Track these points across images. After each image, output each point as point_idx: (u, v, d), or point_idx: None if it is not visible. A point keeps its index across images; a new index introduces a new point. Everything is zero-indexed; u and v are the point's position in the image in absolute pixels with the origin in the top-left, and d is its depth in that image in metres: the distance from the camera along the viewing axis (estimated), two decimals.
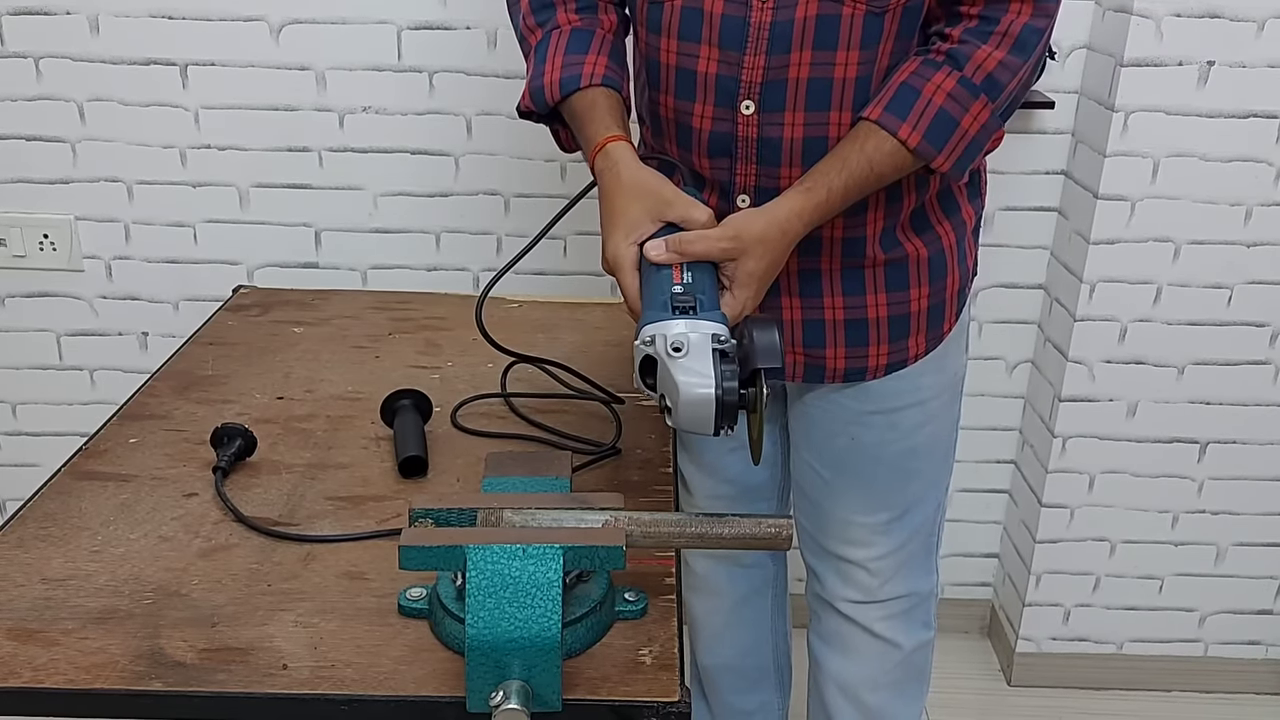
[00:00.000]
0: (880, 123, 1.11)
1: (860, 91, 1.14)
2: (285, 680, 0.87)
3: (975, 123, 1.12)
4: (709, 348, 0.94)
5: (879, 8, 1.10)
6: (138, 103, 1.87)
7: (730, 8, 1.12)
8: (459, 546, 0.85)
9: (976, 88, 1.11)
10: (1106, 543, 2.06)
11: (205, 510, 1.10)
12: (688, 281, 1.01)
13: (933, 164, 1.13)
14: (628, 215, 1.07)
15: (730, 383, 0.93)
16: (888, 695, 1.50)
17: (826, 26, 1.11)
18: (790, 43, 1.12)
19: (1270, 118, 1.76)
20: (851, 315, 1.27)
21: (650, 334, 0.96)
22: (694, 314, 0.97)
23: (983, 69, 1.11)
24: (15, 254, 1.96)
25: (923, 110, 1.10)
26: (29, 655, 0.89)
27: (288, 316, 1.58)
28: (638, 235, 1.06)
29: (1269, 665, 2.16)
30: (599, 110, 1.15)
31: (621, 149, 1.11)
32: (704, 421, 0.93)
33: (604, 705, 0.86)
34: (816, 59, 1.12)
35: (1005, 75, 1.12)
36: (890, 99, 1.12)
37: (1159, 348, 1.92)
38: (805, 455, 1.41)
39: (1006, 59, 1.11)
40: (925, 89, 1.11)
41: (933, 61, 1.12)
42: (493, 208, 1.95)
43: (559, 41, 1.20)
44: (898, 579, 1.43)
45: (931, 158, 1.12)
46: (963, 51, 1.11)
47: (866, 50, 1.13)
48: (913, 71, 1.12)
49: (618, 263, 1.06)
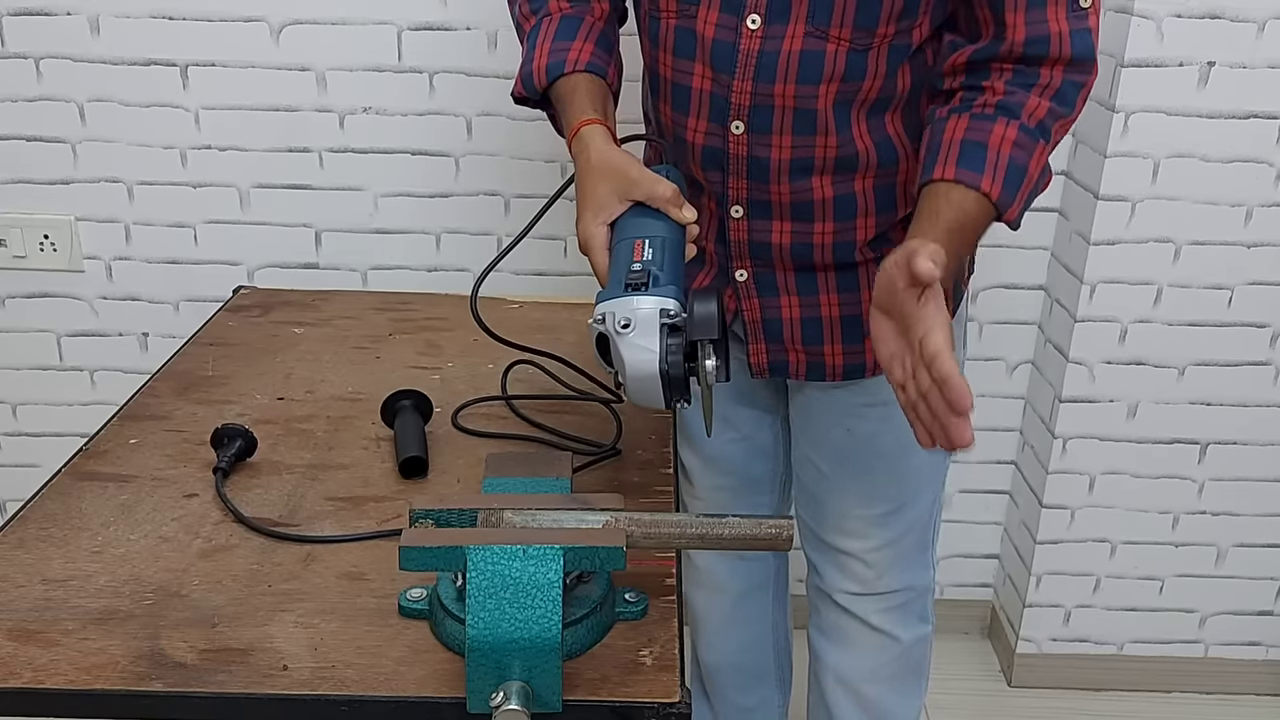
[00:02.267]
0: (960, 180, 1.08)
1: (840, 116, 1.15)
2: (285, 681, 0.87)
3: (1037, 167, 1.11)
4: (656, 323, 0.96)
5: (862, 45, 1.12)
6: (138, 103, 1.87)
7: (721, 33, 1.14)
8: (459, 547, 0.85)
9: (1034, 132, 1.10)
10: (1107, 544, 2.06)
11: (206, 511, 1.10)
12: (646, 259, 1.02)
13: (1006, 215, 1.11)
14: (596, 195, 1.09)
15: (675, 356, 0.95)
16: (886, 688, 1.51)
17: (810, 61, 1.13)
18: (775, 73, 1.14)
19: (1271, 118, 1.76)
20: (847, 311, 1.28)
21: (602, 312, 0.98)
22: (646, 290, 0.98)
23: (1035, 115, 1.10)
24: (15, 254, 1.96)
25: (995, 162, 1.08)
26: (29, 655, 0.89)
27: (288, 317, 1.58)
28: (606, 215, 1.08)
29: (1269, 666, 2.16)
30: (579, 95, 1.17)
31: (594, 132, 1.12)
32: (653, 395, 0.96)
33: (604, 706, 0.86)
34: (800, 91, 1.14)
35: (1053, 121, 1.12)
36: (959, 156, 1.09)
37: (1159, 349, 1.92)
38: (804, 448, 1.43)
39: (1053, 107, 1.11)
40: (991, 141, 1.09)
41: (986, 115, 1.11)
42: (493, 208, 1.95)
43: (548, 28, 1.22)
44: (894, 572, 1.44)
45: (1008, 207, 1.10)
46: (1014, 101, 1.11)
47: (849, 84, 1.14)
48: (969, 127, 1.10)
49: (588, 242, 1.08)
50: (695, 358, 0.96)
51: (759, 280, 1.28)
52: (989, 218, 1.11)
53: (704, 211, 1.26)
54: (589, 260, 1.08)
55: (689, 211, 1.08)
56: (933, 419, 0.96)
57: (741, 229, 1.24)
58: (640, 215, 1.07)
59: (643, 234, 1.05)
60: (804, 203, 1.21)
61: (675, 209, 1.07)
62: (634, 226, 1.06)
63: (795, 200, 1.21)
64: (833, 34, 1.11)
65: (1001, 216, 1.11)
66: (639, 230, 1.06)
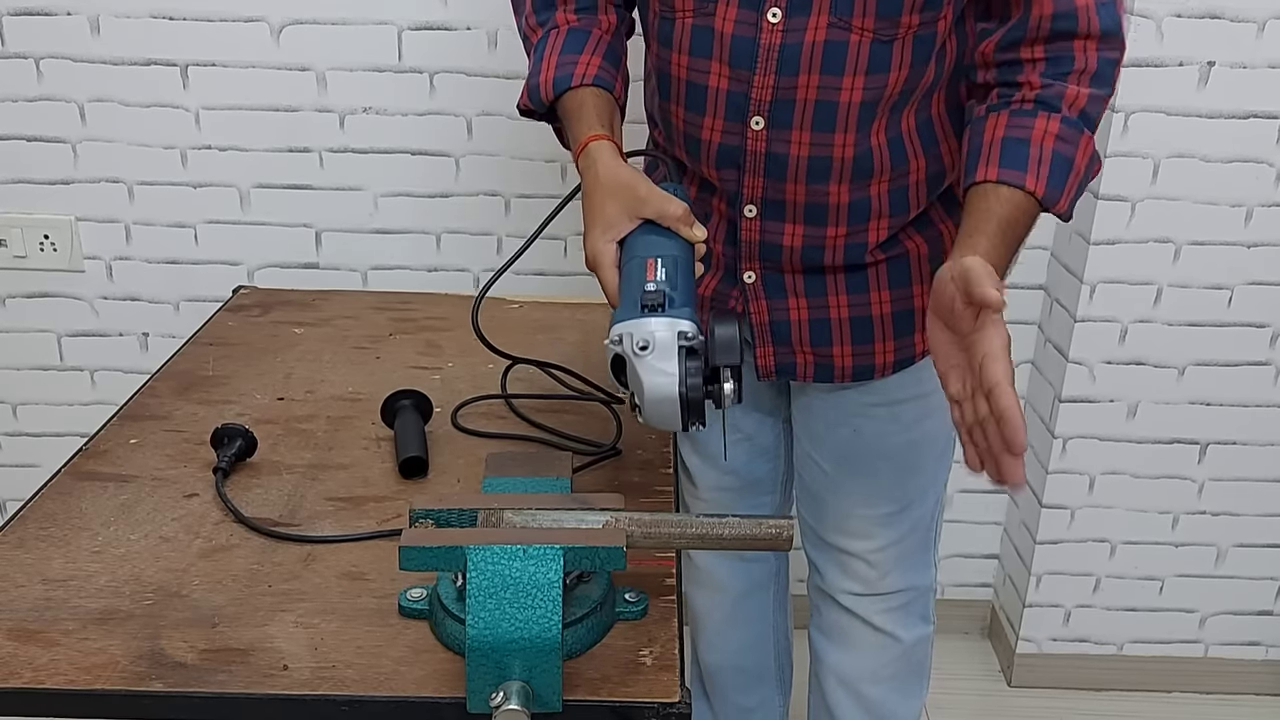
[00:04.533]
0: (1004, 180, 1.08)
1: (864, 114, 1.15)
2: (286, 681, 0.87)
3: (1084, 157, 1.11)
4: (674, 345, 0.95)
5: (887, 36, 1.11)
6: (138, 103, 1.87)
7: (740, 28, 1.13)
8: (459, 547, 0.85)
9: (1078, 123, 1.10)
10: (1107, 544, 2.06)
11: (206, 511, 1.10)
12: (660, 279, 1.01)
13: (1055, 209, 1.11)
14: (605, 213, 1.08)
15: (694, 379, 0.94)
16: (888, 689, 1.51)
17: (834, 52, 1.12)
18: (798, 65, 1.13)
19: (1271, 118, 1.76)
20: (856, 313, 1.28)
21: (619, 333, 0.97)
22: (662, 311, 0.97)
23: (1076, 106, 1.10)
24: (16, 254, 1.96)
25: (1039, 158, 1.08)
26: (29, 655, 0.89)
27: (288, 317, 1.58)
28: (615, 233, 1.07)
29: (1269, 666, 2.16)
30: (586, 110, 1.16)
31: (601, 148, 1.12)
32: (670, 418, 0.95)
33: (604, 706, 0.86)
34: (824, 82, 1.13)
35: (1096, 108, 1.12)
36: (1001, 156, 1.09)
37: (1159, 348, 1.92)
38: (807, 448, 1.42)
39: (1094, 93, 1.11)
40: (1033, 138, 1.09)
41: (1026, 111, 1.11)
42: (493, 208, 1.95)
43: (556, 41, 1.21)
44: (897, 572, 1.44)
45: (1056, 202, 1.10)
46: (1053, 93, 1.10)
47: (874, 76, 1.13)
48: (1009, 124, 1.10)
49: (597, 260, 1.07)
50: (712, 381, 0.95)
51: (767, 282, 1.27)
52: (1036, 213, 1.10)
53: (714, 213, 1.26)
54: (598, 278, 1.07)
55: (699, 230, 1.08)
56: (986, 449, 0.95)
57: (754, 229, 1.24)
58: (650, 233, 1.07)
59: (655, 253, 1.04)
60: (819, 205, 1.20)
61: (686, 228, 1.07)
62: (645, 245, 1.06)
63: (810, 202, 1.20)
64: (855, 24, 1.11)
65: (1050, 210, 1.11)
66: (650, 249, 1.05)
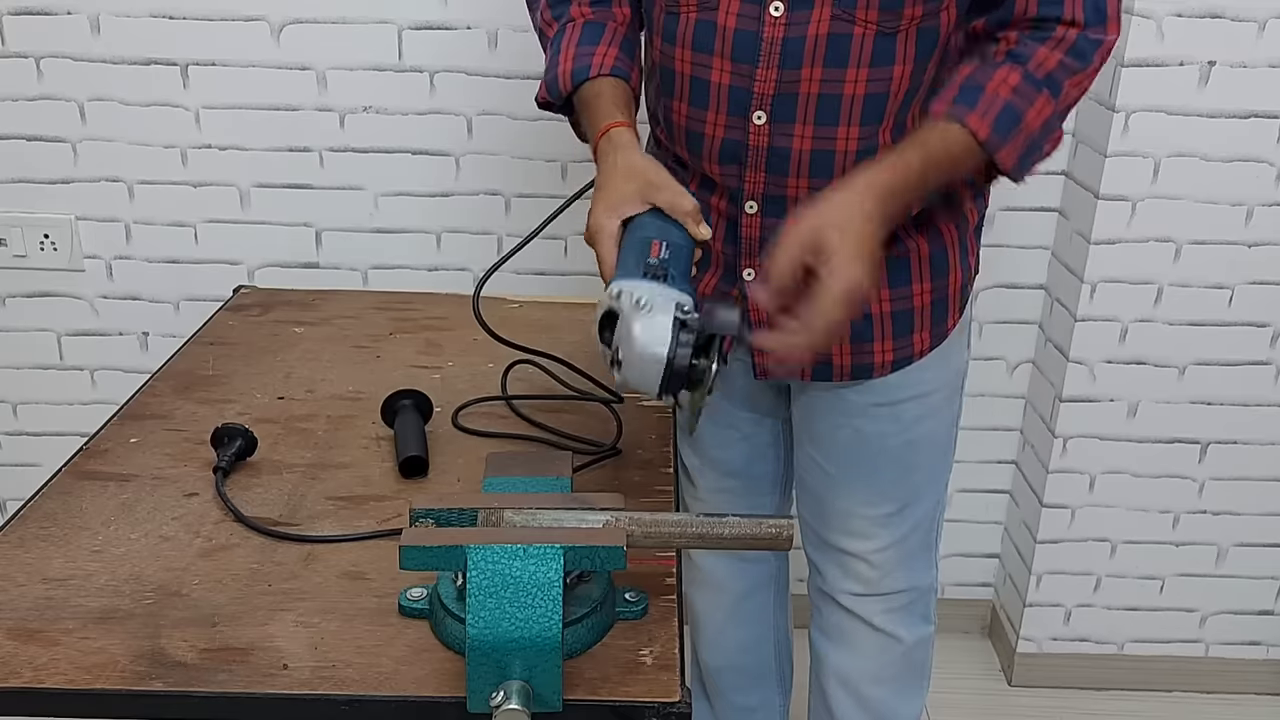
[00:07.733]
0: (950, 114, 1.11)
1: (870, 109, 1.15)
2: (286, 680, 0.87)
3: (1038, 118, 1.13)
4: (672, 310, 0.97)
5: (890, 28, 1.12)
6: (138, 103, 1.87)
7: (743, 22, 1.14)
8: (460, 546, 0.85)
9: (1039, 82, 1.12)
10: (1107, 543, 2.06)
11: (206, 510, 1.10)
12: (664, 257, 1.02)
13: (998, 158, 1.13)
14: (618, 190, 1.09)
15: (684, 349, 0.95)
16: (888, 689, 1.50)
17: (837, 45, 1.12)
18: (801, 59, 1.13)
19: (1271, 118, 1.76)
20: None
21: (618, 289, 0.98)
22: (664, 281, 0.99)
23: (1043, 67, 1.12)
24: (16, 254, 1.96)
25: (990, 102, 1.11)
26: (29, 655, 0.89)
27: (288, 316, 1.58)
28: (623, 211, 1.08)
29: (1270, 666, 2.16)
30: (604, 99, 1.17)
31: (623, 134, 1.13)
32: (651, 379, 0.96)
33: (604, 705, 0.86)
34: (827, 75, 1.14)
35: (1064, 75, 1.13)
36: (956, 93, 1.12)
37: (1160, 348, 1.92)
38: (808, 448, 1.42)
39: (1065, 60, 1.12)
40: (989, 85, 1.11)
41: (994, 63, 1.13)
42: (494, 208, 1.95)
43: (572, 34, 1.23)
44: (898, 572, 1.43)
45: (998, 149, 1.12)
46: (1023, 51, 1.13)
47: (877, 69, 1.14)
48: (974, 70, 1.14)
49: (598, 232, 1.07)
50: (700, 356, 0.96)
51: None
52: (975, 157, 1.13)
53: (714, 211, 1.26)
54: (595, 250, 1.07)
55: (705, 229, 1.08)
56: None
57: (754, 225, 1.24)
58: (659, 219, 1.07)
59: (661, 236, 1.05)
60: None
61: (694, 224, 1.07)
62: (652, 228, 1.06)
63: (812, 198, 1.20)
64: (859, 16, 1.11)
65: (993, 159, 1.13)
66: (657, 232, 1.06)
